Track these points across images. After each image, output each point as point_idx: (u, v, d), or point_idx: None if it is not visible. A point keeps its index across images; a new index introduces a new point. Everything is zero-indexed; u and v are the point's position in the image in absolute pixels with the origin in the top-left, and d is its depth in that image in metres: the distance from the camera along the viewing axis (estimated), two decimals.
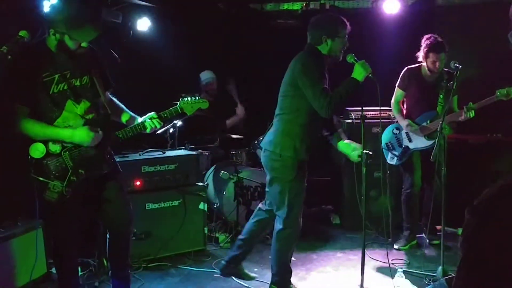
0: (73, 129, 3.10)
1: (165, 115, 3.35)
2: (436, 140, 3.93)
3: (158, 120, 3.29)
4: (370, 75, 3.36)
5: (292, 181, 3.54)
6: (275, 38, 6.66)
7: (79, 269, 3.98)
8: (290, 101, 3.56)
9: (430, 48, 4.53)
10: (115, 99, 3.51)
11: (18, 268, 3.71)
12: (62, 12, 2.98)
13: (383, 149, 4.91)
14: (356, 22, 3.64)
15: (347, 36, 3.54)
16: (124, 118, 3.44)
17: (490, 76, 5.33)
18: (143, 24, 5.66)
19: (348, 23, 3.55)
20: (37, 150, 3.05)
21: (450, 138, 5.21)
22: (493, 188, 1.57)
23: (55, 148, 3.09)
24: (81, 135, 3.07)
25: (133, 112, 3.52)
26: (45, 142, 3.07)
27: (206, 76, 6.18)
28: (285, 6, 6.70)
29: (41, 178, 3.06)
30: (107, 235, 3.46)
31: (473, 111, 4.30)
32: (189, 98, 3.43)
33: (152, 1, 5.66)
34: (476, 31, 5.71)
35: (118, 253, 3.47)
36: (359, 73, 3.37)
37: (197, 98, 3.45)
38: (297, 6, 6.63)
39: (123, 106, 3.52)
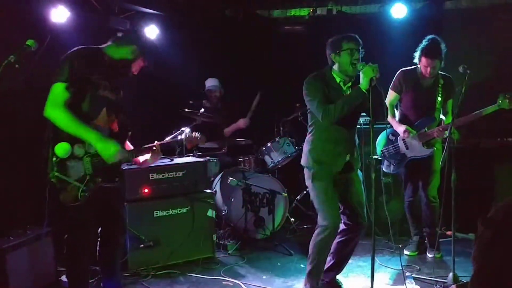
0: (105, 137, 3.14)
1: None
2: (446, 144, 3.90)
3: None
4: (374, 77, 3.33)
5: (312, 190, 3.73)
6: (282, 44, 6.66)
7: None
8: (308, 117, 3.79)
9: (423, 52, 4.36)
10: None
11: (28, 276, 3.72)
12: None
13: (379, 157, 4.74)
14: (363, 27, 3.63)
15: (355, 49, 3.51)
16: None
17: (499, 80, 5.29)
18: (151, 32, 5.68)
19: (355, 37, 3.55)
20: (63, 149, 3.04)
21: (460, 142, 5.16)
22: (508, 200, 1.54)
23: (79, 151, 3.12)
24: (110, 148, 3.13)
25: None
26: (72, 144, 3.08)
27: (208, 83, 6.23)
28: (292, 12, 6.71)
29: (64, 177, 3.06)
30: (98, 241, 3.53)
31: (456, 133, 4.17)
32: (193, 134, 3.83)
33: (160, 9, 5.68)
34: (485, 35, 5.67)
35: (108, 259, 3.54)
36: (362, 80, 3.38)
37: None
38: (304, 12, 6.64)
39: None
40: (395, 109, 4.71)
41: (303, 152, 3.80)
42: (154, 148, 3.45)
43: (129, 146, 3.51)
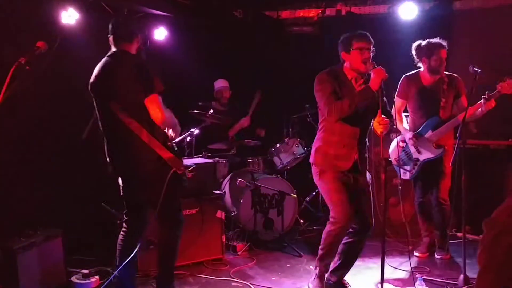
0: None
1: None
2: (456, 145, 3.88)
3: None
4: (385, 80, 3.34)
5: (320, 185, 3.75)
6: (291, 45, 6.66)
7: (98, 277, 4.03)
8: (319, 115, 3.77)
9: (432, 47, 4.41)
10: None
11: (38, 277, 3.74)
12: None
13: (394, 166, 4.78)
14: (373, 27, 3.62)
15: (366, 48, 3.51)
16: None
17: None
18: (160, 34, 5.70)
19: (366, 35, 3.55)
20: None
21: (471, 143, 5.13)
22: (510, 201, 1.56)
23: None
24: None
25: None
26: None
27: (218, 84, 6.24)
28: (301, 13, 6.71)
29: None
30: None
31: (493, 100, 4.15)
32: None
33: (169, 11, 5.70)
34: (495, 35, 5.63)
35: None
36: (373, 80, 3.39)
37: None
38: (313, 13, 6.63)
39: None
40: (403, 115, 4.72)
41: (312, 149, 3.80)
42: None
43: None
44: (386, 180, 3.45)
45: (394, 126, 3.61)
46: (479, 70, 3.88)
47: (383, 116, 3.42)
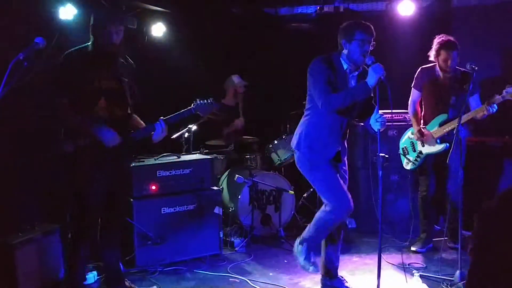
0: (102, 128, 3.47)
1: (172, 119, 3.81)
2: (453, 142, 3.89)
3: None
4: (382, 77, 3.31)
5: (311, 171, 3.68)
6: (289, 41, 6.66)
7: (96, 273, 4.04)
8: (308, 100, 3.73)
9: (442, 45, 4.46)
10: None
11: (36, 272, 3.74)
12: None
13: (400, 154, 4.85)
14: (371, 24, 3.61)
15: (367, 41, 3.48)
16: None
17: (508, 78, 5.26)
18: (158, 30, 5.70)
19: (369, 27, 3.51)
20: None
21: (468, 140, 5.14)
22: (500, 194, 1.57)
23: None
24: (108, 135, 3.47)
25: (147, 117, 3.79)
26: None
27: (238, 79, 6.16)
28: (299, 9, 6.71)
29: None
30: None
31: (495, 105, 4.17)
32: (204, 101, 3.88)
33: (167, 7, 5.70)
34: (494, 33, 5.64)
35: None
36: (370, 76, 3.36)
37: (209, 100, 3.88)
38: (311, 9, 6.64)
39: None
40: (418, 106, 4.76)
41: (296, 133, 3.75)
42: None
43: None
44: (383, 177, 3.44)
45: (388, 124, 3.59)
46: (476, 68, 3.89)
47: (380, 112, 3.41)
